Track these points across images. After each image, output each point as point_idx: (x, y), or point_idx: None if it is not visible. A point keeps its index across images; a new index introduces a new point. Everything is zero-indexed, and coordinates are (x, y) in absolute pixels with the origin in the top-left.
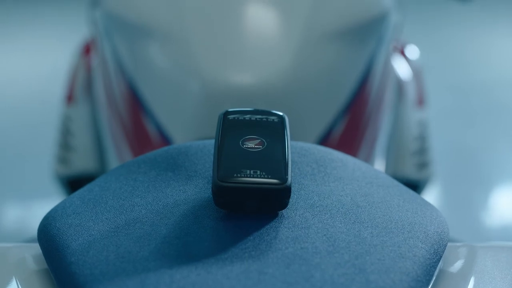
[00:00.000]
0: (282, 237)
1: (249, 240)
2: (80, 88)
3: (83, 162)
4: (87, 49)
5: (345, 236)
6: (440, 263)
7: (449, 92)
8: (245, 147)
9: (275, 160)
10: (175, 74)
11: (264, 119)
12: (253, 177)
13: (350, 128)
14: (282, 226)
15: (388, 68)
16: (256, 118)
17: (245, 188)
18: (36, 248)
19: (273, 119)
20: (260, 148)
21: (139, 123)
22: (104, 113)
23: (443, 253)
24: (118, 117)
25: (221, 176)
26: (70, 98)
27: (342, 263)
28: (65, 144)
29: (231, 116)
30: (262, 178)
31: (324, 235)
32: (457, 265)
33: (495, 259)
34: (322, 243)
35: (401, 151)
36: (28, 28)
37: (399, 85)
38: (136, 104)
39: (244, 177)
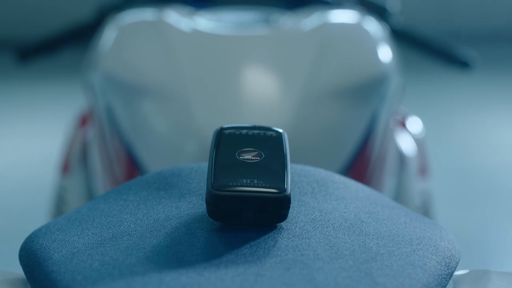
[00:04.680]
0: (281, 245)
1: (245, 248)
2: (75, 158)
3: None
4: (83, 121)
5: (349, 245)
6: (451, 284)
7: (448, 175)
8: (242, 158)
9: (273, 170)
10: (172, 134)
11: (262, 134)
12: (250, 186)
13: None
14: (281, 236)
15: (389, 130)
16: (253, 133)
17: (242, 197)
18: (17, 274)
19: (271, 134)
20: (257, 159)
21: None
22: (99, 179)
23: (454, 269)
24: (113, 180)
25: (216, 185)
26: (65, 168)
27: (346, 267)
28: (59, 214)
29: (227, 131)
30: (259, 187)
31: (327, 244)
32: None
33: (510, 285)
34: (324, 251)
35: None
36: (21, 114)
37: (401, 153)
38: (132, 165)
39: (240, 186)
